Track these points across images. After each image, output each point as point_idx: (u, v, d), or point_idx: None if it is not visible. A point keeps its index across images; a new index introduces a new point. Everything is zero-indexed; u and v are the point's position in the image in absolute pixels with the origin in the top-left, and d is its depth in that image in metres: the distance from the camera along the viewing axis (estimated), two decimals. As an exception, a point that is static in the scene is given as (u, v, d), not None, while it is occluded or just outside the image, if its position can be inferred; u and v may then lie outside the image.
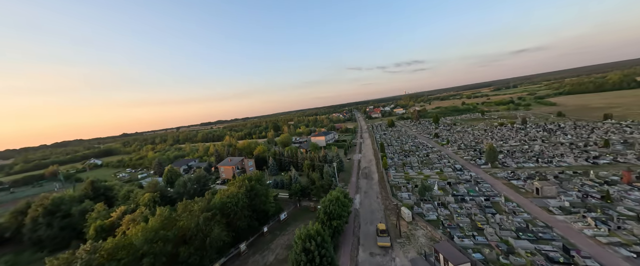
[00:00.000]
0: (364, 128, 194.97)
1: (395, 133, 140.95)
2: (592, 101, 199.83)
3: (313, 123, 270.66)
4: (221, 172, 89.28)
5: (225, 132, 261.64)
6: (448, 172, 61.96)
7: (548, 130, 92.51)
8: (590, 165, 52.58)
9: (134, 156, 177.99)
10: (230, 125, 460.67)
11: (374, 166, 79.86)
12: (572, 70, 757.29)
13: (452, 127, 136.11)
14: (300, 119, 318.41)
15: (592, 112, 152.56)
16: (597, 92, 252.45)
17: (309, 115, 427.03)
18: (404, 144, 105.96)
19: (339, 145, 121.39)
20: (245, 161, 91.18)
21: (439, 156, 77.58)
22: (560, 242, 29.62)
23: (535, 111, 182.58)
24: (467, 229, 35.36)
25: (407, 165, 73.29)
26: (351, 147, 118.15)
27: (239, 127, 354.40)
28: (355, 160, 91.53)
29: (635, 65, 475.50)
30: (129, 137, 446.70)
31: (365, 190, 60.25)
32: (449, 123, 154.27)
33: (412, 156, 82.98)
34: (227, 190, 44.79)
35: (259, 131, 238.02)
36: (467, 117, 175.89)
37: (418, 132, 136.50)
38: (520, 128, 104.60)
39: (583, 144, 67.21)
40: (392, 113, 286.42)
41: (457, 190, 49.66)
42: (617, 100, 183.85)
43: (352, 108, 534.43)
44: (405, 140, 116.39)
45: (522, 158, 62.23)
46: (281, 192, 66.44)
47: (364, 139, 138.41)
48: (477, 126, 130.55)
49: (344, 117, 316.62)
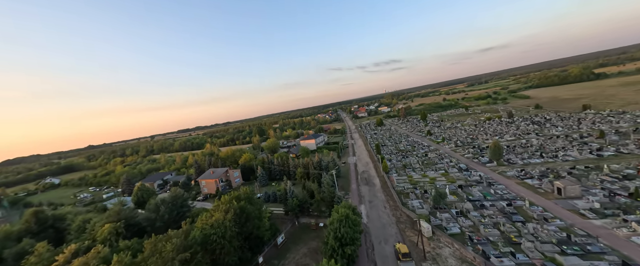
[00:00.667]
0: (353, 128, 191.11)
1: (386, 132, 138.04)
2: (560, 93, 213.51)
3: (299, 125, 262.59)
4: (202, 186, 78.86)
5: (205, 139, 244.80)
6: (454, 173, 58.18)
7: (537, 123, 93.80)
8: (596, 158, 51.33)
9: (99, 172, 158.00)
10: (210, 131, 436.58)
11: (373, 169, 74.61)
12: (533, 66, 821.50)
13: (441, 124, 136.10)
14: (285, 122, 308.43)
15: (563, 103, 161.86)
16: (561, 84, 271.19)
17: (294, 117, 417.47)
18: (398, 143, 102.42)
19: (330, 147, 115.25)
20: (230, 172, 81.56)
21: (439, 155, 74.26)
22: (614, 255, 25.63)
23: (513, 104, 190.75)
24: (501, 244, 30.54)
25: (408, 166, 68.85)
26: (344, 149, 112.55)
27: (221, 132, 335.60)
28: (351, 164, 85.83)
29: (585, 60, 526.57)
30: (96, 150, 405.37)
31: (369, 198, 54.41)
32: (437, 120, 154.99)
33: (410, 156, 79.04)
34: (211, 216, 36.33)
35: (242, 136, 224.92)
36: (452, 113, 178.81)
37: (409, 130, 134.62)
38: (508, 122, 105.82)
39: (579, 136, 67.24)
40: (377, 112, 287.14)
41: (471, 194, 45.43)
42: (582, 91, 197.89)
43: (337, 109, 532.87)
44: (399, 139, 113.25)
45: (526, 154, 60.25)
46: (274, 206, 58.53)
47: (355, 140, 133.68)
48: (466, 121, 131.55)
49: (330, 117, 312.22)
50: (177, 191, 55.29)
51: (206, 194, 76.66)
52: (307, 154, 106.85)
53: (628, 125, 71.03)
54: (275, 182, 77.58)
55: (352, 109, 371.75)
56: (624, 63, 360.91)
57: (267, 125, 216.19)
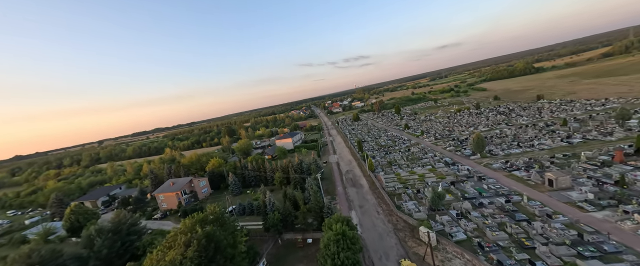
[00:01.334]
0: (329, 124, 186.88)
1: (364, 127, 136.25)
2: (510, 85, 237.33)
3: (273, 123, 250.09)
4: (160, 201, 65.95)
5: (165, 143, 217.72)
6: (441, 168, 56.44)
7: (503, 113, 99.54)
8: (568, 145, 53.76)
9: (24, 189, 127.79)
10: (172, 133, 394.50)
11: (358, 168, 70.22)
12: (481, 62, 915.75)
13: (416, 117, 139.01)
14: (257, 120, 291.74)
15: (515, 94, 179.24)
16: (510, 77, 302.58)
17: (266, 114, 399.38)
18: (378, 138, 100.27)
19: (309, 146, 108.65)
20: (196, 181, 69.80)
21: (421, 150, 72.96)
22: (631, 254, 24.11)
23: (474, 96, 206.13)
24: (514, 250, 27.65)
25: (393, 163, 65.86)
26: (323, 147, 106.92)
27: (184, 134, 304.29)
28: (333, 163, 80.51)
29: (523, 56, 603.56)
30: (23, 161, 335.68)
31: (359, 203, 49.47)
32: (410, 113, 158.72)
33: (393, 152, 76.63)
34: (164, 253, 27.13)
35: (209, 138, 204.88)
36: (423, 106, 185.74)
37: (386, 124, 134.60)
38: (477, 113, 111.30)
39: (544, 124, 71.49)
40: (351, 107, 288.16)
41: (465, 191, 43.22)
42: (527, 83, 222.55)
43: (310, 105, 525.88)
44: (378, 133, 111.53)
45: (504, 145, 61.39)
46: (251, 221, 50.17)
47: (333, 137, 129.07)
48: (438, 114, 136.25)
49: (304, 114, 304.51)
50: (121, 214, 43.33)
51: (165, 210, 64.22)
52: (284, 155, 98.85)
53: (581, 112, 78.23)
54: (251, 189, 68.48)
55: (325, 105, 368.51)
56: (554, 59, 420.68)
57: (238, 124, 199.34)
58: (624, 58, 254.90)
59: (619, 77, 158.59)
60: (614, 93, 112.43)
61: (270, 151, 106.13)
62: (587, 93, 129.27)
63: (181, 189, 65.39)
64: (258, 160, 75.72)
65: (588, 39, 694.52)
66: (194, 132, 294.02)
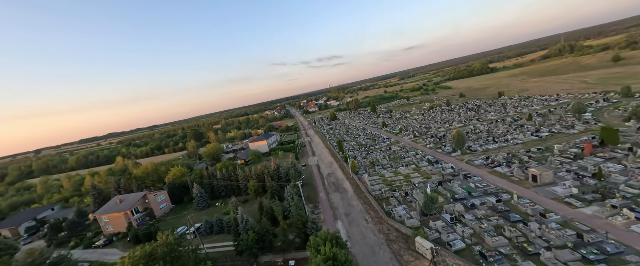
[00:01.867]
0: (306, 124, 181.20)
1: (342, 127, 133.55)
2: (472, 84, 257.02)
3: (246, 124, 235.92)
4: (104, 224, 53.90)
5: (119, 150, 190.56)
6: (425, 167, 54.88)
7: (472, 110, 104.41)
8: (538, 139, 56.10)
9: None
10: (129, 139, 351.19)
11: (340, 171, 66.00)
12: (443, 63, 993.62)
13: (392, 115, 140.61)
14: (229, 121, 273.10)
15: (477, 92, 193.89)
16: (469, 77, 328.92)
17: (238, 115, 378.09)
18: (358, 138, 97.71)
19: (286, 148, 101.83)
20: (151, 197, 58.71)
21: (402, 148, 71.61)
22: (633, 254, 23.16)
23: (441, 94, 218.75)
24: (519, 258, 25.41)
25: (376, 164, 63.02)
26: (301, 149, 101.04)
27: (143, 139, 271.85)
28: (313, 166, 75.30)
29: (478, 58, 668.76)
30: None
31: (345, 210, 45.01)
32: (386, 111, 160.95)
33: (374, 152, 74.16)
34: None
35: (173, 143, 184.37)
36: (397, 104, 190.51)
37: (363, 123, 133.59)
38: (449, 110, 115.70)
39: (512, 119, 75.33)
40: (328, 106, 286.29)
41: (453, 191, 41.43)
42: (486, 82, 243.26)
43: (285, 105, 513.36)
44: (356, 132, 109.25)
45: (481, 141, 62.46)
46: (220, 242, 42.56)
47: (311, 137, 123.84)
48: (412, 111, 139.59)
49: (279, 114, 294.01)
50: (35, 252, 32.64)
51: (111, 235, 52.61)
52: (259, 159, 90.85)
53: (540, 107, 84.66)
54: (221, 201, 59.88)
55: (301, 104, 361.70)
56: (504, 60, 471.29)
57: (206, 126, 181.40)
58: (559, 60, 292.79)
59: (560, 76, 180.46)
60: (560, 90, 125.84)
61: (244, 155, 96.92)
62: (537, 90, 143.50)
63: (132, 207, 54.10)
64: (229, 166, 67.01)
65: (529, 44, 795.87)
66: (155, 136, 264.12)
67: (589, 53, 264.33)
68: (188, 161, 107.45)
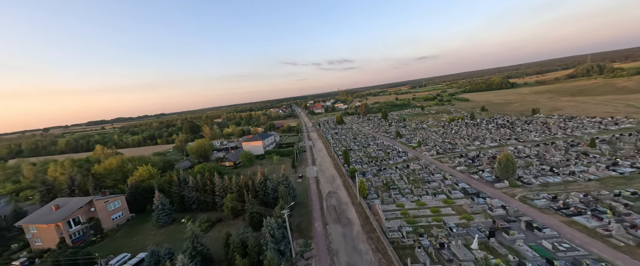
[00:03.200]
0: (310, 125, 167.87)
1: (349, 132, 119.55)
2: (491, 97, 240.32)
3: (247, 120, 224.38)
4: (32, 237, 41.39)
5: (111, 136, 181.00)
6: (459, 199, 40.62)
7: (504, 126, 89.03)
8: (619, 176, 41.18)
9: None
10: (132, 125, 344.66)
11: (343, 190, 52.11)
12: (455, 75, 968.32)
13: (406, 124, 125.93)
14: (230, 115, 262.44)
15: (499, 106, 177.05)
16: (487, 90, 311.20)
17: (242, 110, 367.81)
18: (366, 147, 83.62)
19: (283, 151, 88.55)
20: (99, 204, 45.72)
21: (424, 167, 57.32)
22: None
23: (459, 105, 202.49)
24: None
25: (391, 185, 48.97)
26: (301, 154, 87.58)
27: (142, 127, 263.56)
28: (311, 178, 61.63)
29: (493, 73, 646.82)
30: None
31: (349, 259, 31.00)
32: (398, 119, 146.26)
33: (388, 168, 60.09)
34: None
35: (168, 133, 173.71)
36: (410, 112, 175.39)
37: (373, 130, 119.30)
38: (473, 124, 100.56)
39: (566, 143, 60.15)
40: (334, 109, 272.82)
41: (518, 252, 27.13)
42: (507, 96, 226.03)
43: (291, 104, 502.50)
44: (365, 140, 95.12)
45: (533, 168, 47.70)
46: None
47: (313, 141, 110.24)
48: (428, 122, 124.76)
49: (283, 112, 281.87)
50: None
51: (39, 251, 39.96)
52: (250, 162, 78.08)
53: (596, 131, 69.04)
54: (188, 217, 46.65)
55: (307, 104, 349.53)
56: (523, 76, 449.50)
57: (203, 119, 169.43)
58: (587, 80, 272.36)
59: (595, 97, 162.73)
60: (603, 112, 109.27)
61: (233, 156, 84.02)
62: (572, 110, 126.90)
63: (69, 217, 41.38)
64: (207, 171, 53.83)
65: (546, 62, 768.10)
66: (153, 125, 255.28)
67: (622, 75, 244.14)
68: (172, 156, 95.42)
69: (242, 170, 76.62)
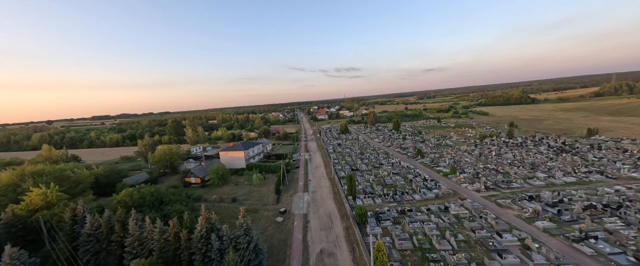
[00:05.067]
0: (310, 133, 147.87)
1: (354, 144, 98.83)
2: (513, 112, 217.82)
3: (240, 124, 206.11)
4: None
5: (87, 133, 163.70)
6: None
7: (565, 150, 67.04)
8: None
9: None
10: (129, 122, 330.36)
11: (344, 248, 31.24)
12: (464, 88, 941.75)
13: (424, 138, 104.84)
14: (226, 117, 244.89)
15: (530, 123, 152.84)
16: (506, 105, 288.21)
17: (242, 112, 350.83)
18: (378, 168, 62.74)
19: (268, 167, 68.19)
20: None
21: (474, 211, 36.29)
22: None
23: (479, 119, 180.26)
24: None
25: (431, 254, 28.19)
26: (292, 172, 67.13)
27: (133, 125, 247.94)
28: (297, 216, 40.89)
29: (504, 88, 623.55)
30: None
31: None
32: (412, 132, 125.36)
33: (413, 207, 39.18)
34: None
35: (150, 134, 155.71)
36: (424, 124, 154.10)
37: (383, 143, 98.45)
38: (513, 144, 78.96)
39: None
40: (339, 116, 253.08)
41: None
42: (532, 112, 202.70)
43: (294, 108, 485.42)
44: (376, 158, 74.33)
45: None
46: None
47: (311, 154, 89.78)
48: (451, 136, 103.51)
49: (284, 117, 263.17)
50: None
51: None
52: (222, 179, 58.19)
53: None
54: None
55: (311, 110, 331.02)
56: (539, 92, 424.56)
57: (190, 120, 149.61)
58: (618, 99, 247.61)
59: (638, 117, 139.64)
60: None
61: (201, 171, 63.83)
62: (625, 132, 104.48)
63: None
64: (119, 208, 33.37)
65: (561, 80, 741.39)
66: (142, 123, 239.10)
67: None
68: (125, 165, 76.00)
69: (210, 190, 56.56)
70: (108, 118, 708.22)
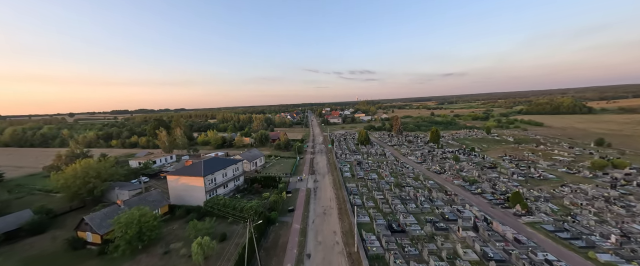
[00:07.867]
0: (319, 141, 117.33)
1: (381, 162, 66.79)
2: (571, 123, 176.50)
3: (240, 125, 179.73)
4: None
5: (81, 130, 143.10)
6: None
7: None
8: None
9: None
10: (144, 117, 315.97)
11: None
12: (484, 94, 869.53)
13: (488, 159, 70.90)
14: (227, 115, 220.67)
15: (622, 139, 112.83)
16: (554, 114, 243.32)
17: (252, 112, 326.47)
18: (446, 233, 31.14)
19: (243, 207, 38.10)
20: None
21: None
22: None
23: (535, 131, 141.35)
24: None
25: None
26: (280, 221, 36.78)
27: (138, 121, 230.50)
28: None
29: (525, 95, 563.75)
30: None
31: None
32: (458, 146, 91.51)
33: None
34: None
35: (141, 131, 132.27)
36: (468, 136, 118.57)
37: (425, 165, 65.67)
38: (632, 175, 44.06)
39: None
40: (354, 119, 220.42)
41: None
42: (597, 125, 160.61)
43: (306, 109, 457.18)
44: (428, 199, 42.56)
45: None
46: None
47: (318, 177, 58.97)
48: (529, 159, 68.87)
49: (292, 119, 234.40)
50: None
51: None
52: (135, 242, 27.80)
53: None
54: None
55: (323, 112, 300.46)
56: (584, 101, 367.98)
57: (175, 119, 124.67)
58: None
59: None
60: None
61: (102, 218, 35.04)
62: None
63: None
64: None
65: (603, 88, 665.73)
66: (147, 119, 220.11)
67: None
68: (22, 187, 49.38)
69: (111, 263, 27.74)
70: (126, 113, 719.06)
